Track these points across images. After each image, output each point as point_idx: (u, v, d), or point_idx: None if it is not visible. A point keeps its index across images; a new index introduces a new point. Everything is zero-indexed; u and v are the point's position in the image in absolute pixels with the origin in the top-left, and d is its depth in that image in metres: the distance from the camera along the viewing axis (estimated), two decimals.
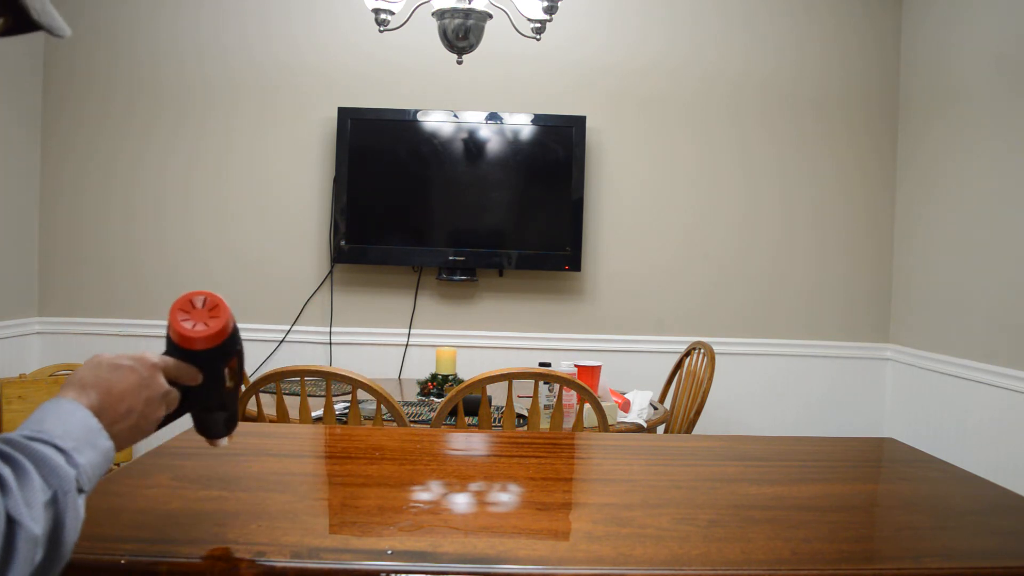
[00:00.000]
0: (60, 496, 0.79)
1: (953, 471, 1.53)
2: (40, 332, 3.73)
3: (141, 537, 1.07)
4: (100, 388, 0.92)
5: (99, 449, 0.88)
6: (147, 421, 0.95)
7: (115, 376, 0.93)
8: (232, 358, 1.05)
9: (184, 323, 1.00)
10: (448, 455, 1.65)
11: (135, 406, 0.93)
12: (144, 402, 0.94)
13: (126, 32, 3.75)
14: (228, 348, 1.03)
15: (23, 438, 0.83)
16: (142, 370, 0.96)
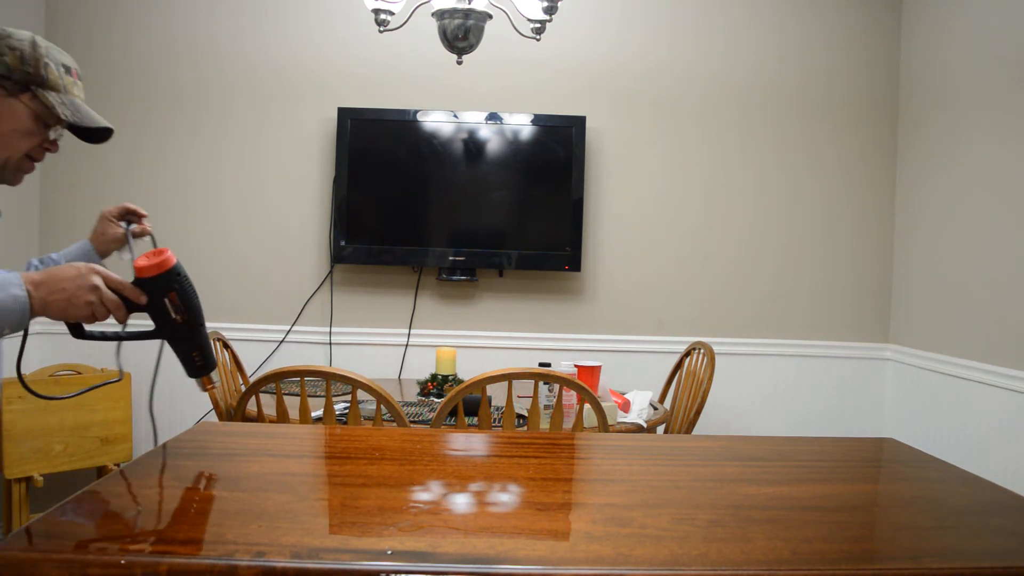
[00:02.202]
0: None
1: (953, 471, 1.53)
2: (40, 332, 3.72)
3: (141, 537, 1.07)
4: (47, 273, 1.35)
5: (7, 292, 1.30)
6: (77, 299, 1.34)
7: (62, 269, 1.35)
8: (172, 291, 1.41)
9: (137, 260, 1.42)
10: (448, 455, 1.65)
11: (68, 287, 1.33)
12: (76, 287, 1.34)
13: (125, 34, 3.75)
14: (165, 281, 1.40)
15: None
16: (82, 268, 1.36)
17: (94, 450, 3.47)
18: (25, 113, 1.46)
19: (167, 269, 1.40)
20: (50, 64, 1.48)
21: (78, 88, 1.52)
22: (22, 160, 1.51)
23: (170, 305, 1.42)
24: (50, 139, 1.51)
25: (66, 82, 1.49)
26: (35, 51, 1.48)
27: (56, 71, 1.48)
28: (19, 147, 1.48)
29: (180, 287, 1.42)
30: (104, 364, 3.66)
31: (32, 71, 1.46)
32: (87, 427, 3.46)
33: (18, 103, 1.46)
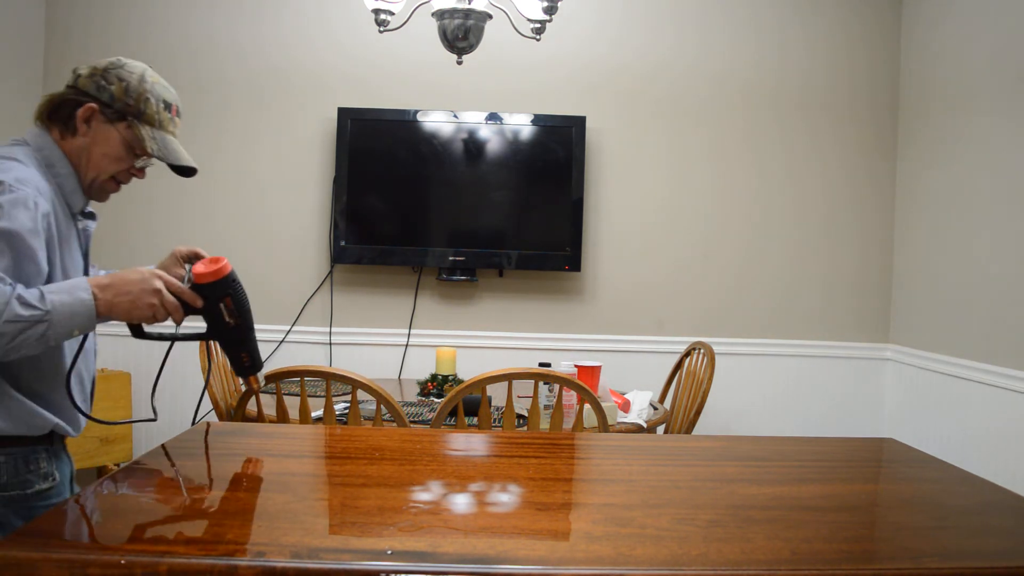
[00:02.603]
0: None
1: (953, 471, 1.53)
2: None
3: (141, 537, 1.07)
4: (113, 276, 1.47)
5: (74, 296, 1.39)
6: (140, 301, 1.44)
7: (127, 273, 1.48)
8: (227, 296, 1.52)
9: (196, 267, 1.52)
10: (448, 455, 1.65)
11: (132, 290, 1.45)
12: (140, 290, 1.45)
13: (126, 33, 3.75)
14: (221, 287, 1.51)
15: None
16: (145, 272, 1.48)
17: (94, 450, 3.47)
18: (118, 140, 1.59)
19: (223, 276, 1.52)
20: (151, 99, 1.61)
21: (174, 125, 1.65)
22: (107, 181, 1.63)
23: (225, 310, 1.54)
24: (136, 167, 1.63)
25: (163, 118, 1.62)
26: (140, 85, 1.61)
27: (155, 106, 1.61)
28: (107, 169, 1.61)
29: (235, 293, 1.54)
30: (103, 365, 3.65)
31: (133, 103, 1.59)
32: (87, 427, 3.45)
33: (114, 130, 1.58)
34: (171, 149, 1.63)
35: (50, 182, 1.54)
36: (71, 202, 1.59)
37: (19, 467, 1.53)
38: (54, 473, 1.62)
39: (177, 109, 1.68)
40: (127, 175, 1.65)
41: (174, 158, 1.63)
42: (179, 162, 1.63)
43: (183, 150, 1.65)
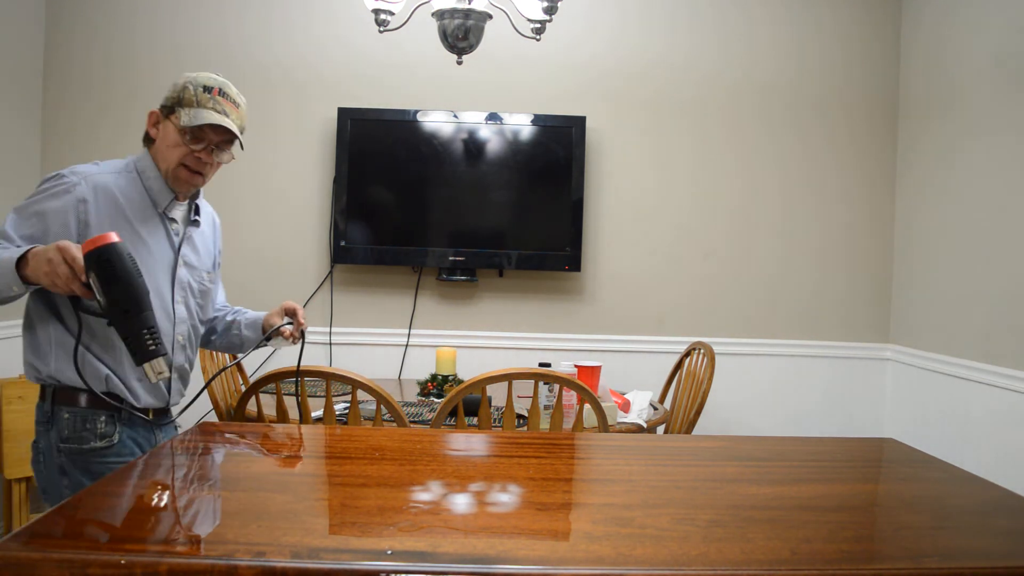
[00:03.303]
0: None
1: (953, 471, 1.53)
2: None
3: (141, 537, 1.07)
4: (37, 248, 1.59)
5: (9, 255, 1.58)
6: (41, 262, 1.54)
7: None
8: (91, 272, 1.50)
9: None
10: (448, 455, 1.65)
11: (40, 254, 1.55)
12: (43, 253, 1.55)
13: (126, 33, 3.75)
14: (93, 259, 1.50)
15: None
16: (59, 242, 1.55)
17: None
18: (172, 130, 1.85)
19: (95, 247, 1.50)
20: (189, 87, 1.87)
21: (214, 102, 1.86)
22: (177, 169, 1.85)
23: (94, 287, 1.51)
24: (194, 151, 1.84)
25: (201, 99, 1.85)
26: (183, 81, 1.89)
27: (193, 91, 1.86)
28: (171, 158, 1.84)
29: (99, 269, 1.50)
30: None
31: (175, 96, 1.87)
32: None
33: (168, 123, 1.86)
34: (201, 117, 1.82)
35: (134, 183, 1.84)
36: (157, 200, 1.86)
37: (78, 425, 1.77)
38: (113, 435, 1.80)
39: (219, 91, 1.88)
40: (193, 159, 1.85)
41: (198, 121, 1.82)
42: (199, 122, 1.81)
43: (216, 115, 1.83)
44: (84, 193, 1.75)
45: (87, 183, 1.77)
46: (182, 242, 1.92)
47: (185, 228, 1.94)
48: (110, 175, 1.83)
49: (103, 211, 1.76)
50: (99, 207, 1.76)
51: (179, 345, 1.91)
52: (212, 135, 1.86)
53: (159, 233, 1.86)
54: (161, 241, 1.86)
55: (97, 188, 1.78)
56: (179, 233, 1.92)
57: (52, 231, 1.71)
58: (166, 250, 1.87)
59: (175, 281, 1.89)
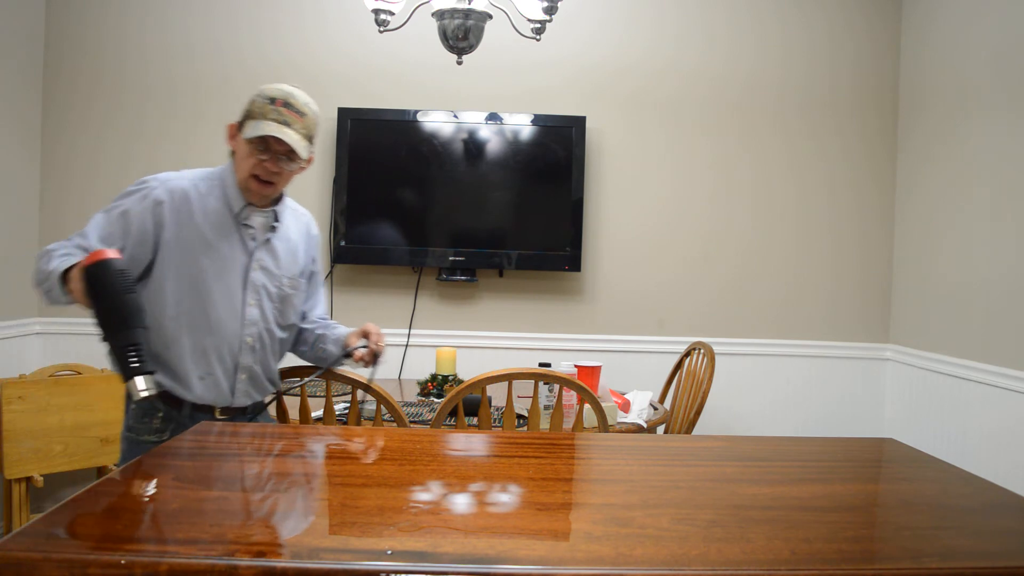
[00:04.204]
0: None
1: (953, 471, 1.53)
2: (40, 332, 3.73)
3: (141, 537, 1.07)
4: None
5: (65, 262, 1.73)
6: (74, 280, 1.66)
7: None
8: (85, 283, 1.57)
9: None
10: (448, 455, 1.65)
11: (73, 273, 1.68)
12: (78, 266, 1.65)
13: (126, 33, 3.75)
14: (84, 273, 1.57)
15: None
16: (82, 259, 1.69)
17: (94, 450, 3.47)
18: (243, 142, 1.94)
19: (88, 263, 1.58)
20: (255, 99, 1.94)
21: (276, 113, 1.92)
22: (249, 180, 1.95)
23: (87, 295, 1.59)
24: (260, 160, 1.93)
25: (264, 110, 1.92)
26: (255, 94, 1.95)
27: (258, 103, 1.93)
28: (243, 169, 1.95)
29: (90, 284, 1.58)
30: (104, 365, 3.65)
31: (247, 109, 1.95)
32: (87, 427, 3.45)
33: (240, 135, 1.96)
34: (259, 129, 1.90)
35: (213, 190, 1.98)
36: (232, 206, 1.98)
37: (138, 417, 1.98)
38: (165, 432, 1.96)
39: (283, 101, 1.93)
40: (262, 169, 1.94)
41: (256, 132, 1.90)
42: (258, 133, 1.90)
43: (274, 126, 1.90)
44: (160, 196, 1.91)
45: (164, 187, 1.93)
46: (258, 247, 2.01)
47: (263, 234, 2.02)
48: (188, 181, 1.98)
49: (177, 212, 1.91)
50: (173, 210, 1.91)
51: (247, 347, 2.00)
52: (276, 145, 1.92)
53: (233, 237, 1.97)
54: (234, 245, 1.97)
55: (172, 192, 1.93)
56: (255, 238, 2.01)
57: (132, 232, 1.87)
58: (239, 254, 1.98)
59: (247, 284, 1.99)
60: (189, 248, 1.91)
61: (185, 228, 1.91)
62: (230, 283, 1.95)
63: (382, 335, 2.07)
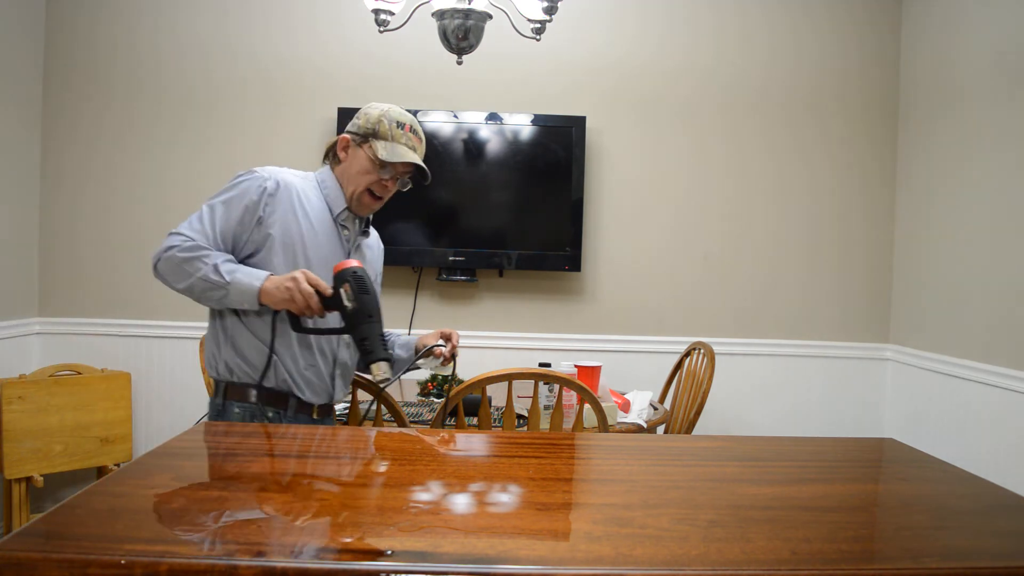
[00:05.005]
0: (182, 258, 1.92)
1: (953, 471, 1.53)
2: (40, 332, 3.73)
3: (141, 537, 1.07)
4: (272, 277, 1.90)
5: (250, 281, 1.88)
6: (281, 286, 1.86)
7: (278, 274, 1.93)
8: (345, 283, 1.86)
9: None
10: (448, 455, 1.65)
11: (279, 280, 1.87)
12: (283, 279, 1.87)
13: (126, 32, 3.75)
14: (342, 276, 1.87)
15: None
16: (295, 271, 1.88)
17: (94, 450, 3.47)
18: (364, 157, 2.04)
19: (345, 267, 1.88)
20: (384, 121, 2.04)
21: (407, 138, 2.05)
22: (363, 194, 2.06)
23: (344, 294, 1.86)
24: (382, 179, 2.04)
25: (395, 133, 2.04)
26: (377, 115, 2.05)
27: (388, 126, 2.04)
28: (360, 183, 2.05)
29: (353, 280, 1.86)
30: (104, 365, 3.66)
31: (371, 128, 2.04)
32: (87, 427, 3.46)
33: (361, 151, 2.05)
34: (398, 152, 2.02)
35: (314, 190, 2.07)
36: (332, 207, 2.07)
37: (246, 419, 1.98)
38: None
39: (411, 127, 2.06)
40: (379, 186, 2.05)
41: (397, 158, 2.01)
42: (400, 159, 2.02)
43: (411, 153, 2.03)
44: (270, 185, 1.97)
45: (273, 177, 1.99)
46: (352, 249, 2.11)
47: (355, 238, 2.12)
48: (294, 176, 2.06)
49: (285, 203, 1.98)
50: (281, 199, 1.97)
51: (344, 343, 2.08)
52: (400, 167, 2.05)
53: (333, 236, 2.06)
54: (335, 243, 2.06)
55: (281, 183, 1.99)
56: (350, 240, 2.11)
57: (244, 219, 1.94)
58: (339, 253, 2.06)
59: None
60: (296, 237, 1.98)
61: (292, 217, 1.98)
62: (329, 279, 1.97)
63: (459, 337, 2.20)
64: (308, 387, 2.01)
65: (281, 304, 1.87)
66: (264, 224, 1.95)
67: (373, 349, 1.87)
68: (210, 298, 1.92)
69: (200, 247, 1.91)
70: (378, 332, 1.88)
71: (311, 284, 1.85)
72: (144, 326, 3.72)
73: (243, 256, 1.97)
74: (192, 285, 1.90)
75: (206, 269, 1.88)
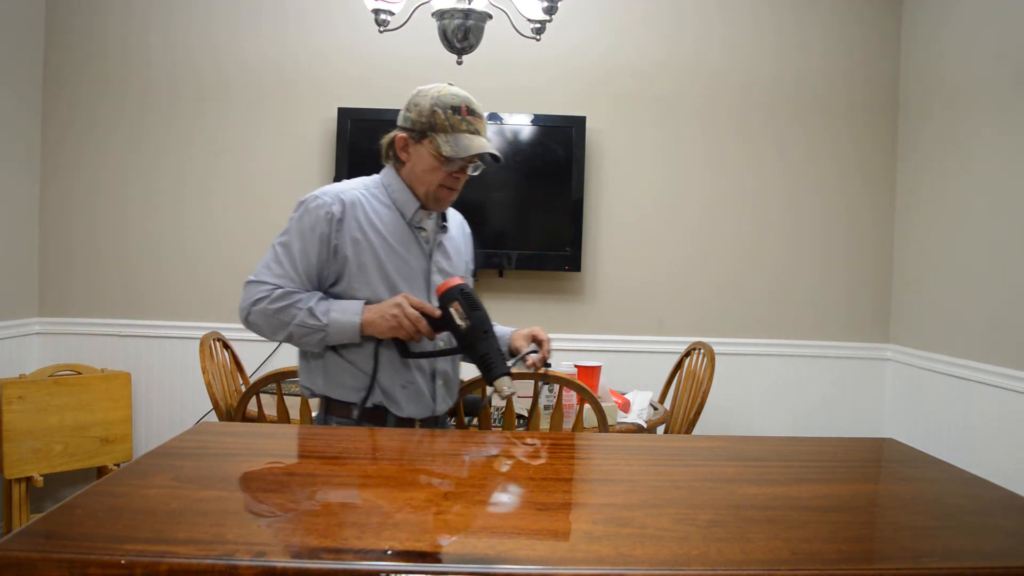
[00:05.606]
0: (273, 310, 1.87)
1: (953, 471, 1.53)
2: (40, 332, 3.73)
3: (141, 537, 1.07)
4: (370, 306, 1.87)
5: (347, 317, 1.85)
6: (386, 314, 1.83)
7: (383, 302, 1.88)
8: (455, 301, 1.82)
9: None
10: (448, 455, 1.65)
11: (383, 308, 1.84)
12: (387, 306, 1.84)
13: (130, 32, 3.75)
14: (450, 294, 1.83)
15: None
16: (397, 297, 1.85)
17: (94, 450, 3.47)
18: (427, 155, 1.91)
19: (451, 286, 1.83)
20: (438, 111, 1.88)
21: (467, 124, 1.89)
22: (438, 190, 1.94)
23: (455, 313, 1.81)
24: (452, 172, 1.92)
25: (452, 121, 1.88)
26: (429, 104, 1.89)
27: (443, 115, 1.88)
28: (431, 181, 1.93)
29: (462, 298, 1.82)
30: (104, 365, 3.66)
31: (425, 121, 1.89)
32: (87, 427, 3.46)
33: (421, 147, 1.91)
34: (463, 145, 1.88)
35: (380, 197, 1.96)
36: (404, 211, 1.96)
37: None
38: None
39: (467, 108, 1.90)
40: (451, 179, 1.93)
41: (464, 152, 1.88)
42: (469, 152, 1.88)
43: (478, 140, 1.89)
44: (336, 211, 1.88)
45: (337, 199, 1.90)
46: (433, 250, 2.00)
47: (435, 236, 2.01)
48: (357, 190, 1.96)
49: (353, 224, 1.89)
50: (348, 220, 1.89)
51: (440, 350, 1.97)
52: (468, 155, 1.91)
53: (410, 242, 1.96)
54: (413, 250, 1.96)
55: (345, 204, 1.90)
56: (429, 241, 2.00)
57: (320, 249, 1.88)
58: (419, 258, 1.97)
59: (430, 287, 1.97)
60: (374, 255, 1.90)
61: (366, 236, 1.90)
62: (416, 289, 1.94)
63: (550, 341, 2.03)
64: (407, 404, 1.94)
65: (388, 333, 1.83)
66: (339, 252, 1.88)
67: (494, 365, 1.82)
68: (310, 342, 1.87)
69: (289, 293, 1.85)
70: (496, 347, 1.83)
71: (416, 307, 1.81)
72: (144, 326, 3.72)
73: (327, 286, 1.91)
74: (291, 334, 1.85)
75: (301, 315, 1.83)
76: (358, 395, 1.90)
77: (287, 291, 1.85)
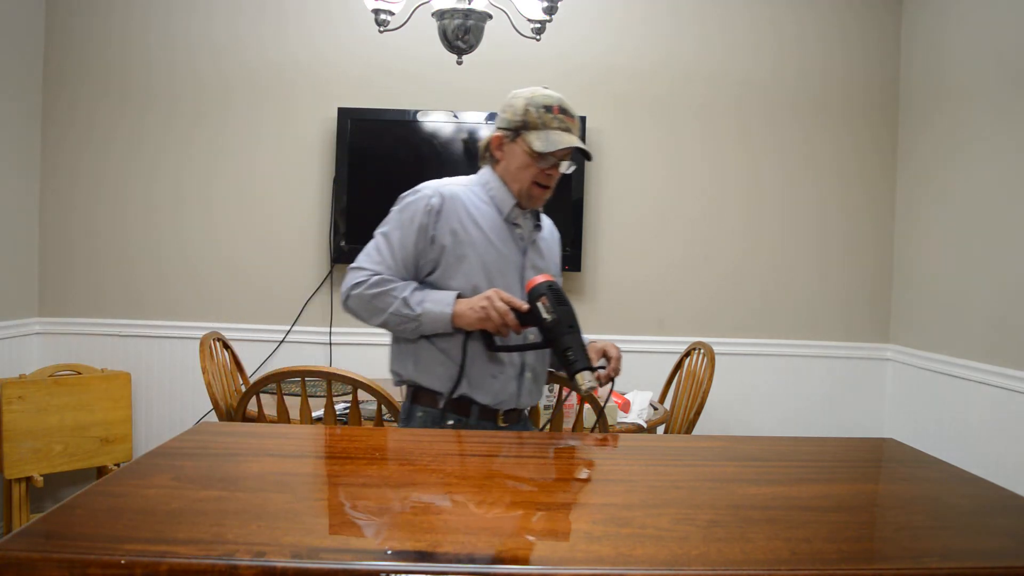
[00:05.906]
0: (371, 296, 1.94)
1: (953, 471, 1.53)
2: (40, 332, 3.73)
3: (141, 537, 1.07)
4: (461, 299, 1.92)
5: (440, 308, 1.90)
6: (475, 306, 1.88)
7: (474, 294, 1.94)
8: (542, 296, 1.87)
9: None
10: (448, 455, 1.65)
11: (473, 301, 1.90)
12: (477, 299, 1.90)
13: (131, 33, 3.75)
14: (538, 290, 1.88)
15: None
16: (488, 291, 1.90)
17: (94, 450, 3.47)
18: (520, 153, 1.98)
19: (539, 282, 1.90)
20: (530, 110, 1.96)
21: (558, 121, 1.96)
22: (531, 187, 2.00)
23: (542, 308, 1.86)
24: (544, 169, 1.97)
25: (544, 119, 1.95)
26: (522, 104, 1.97)
27: (535, 113, 1.96)
28: (524, 178, 1.99)
29: (550, 293, 1.87)
30: (104, 365, 3.66)
31: (519, 120, 1.97)
32: (87, 427, 3.46)
33: (516, 146, 1.98)
34: (553, 140, 1.94)
35: (479, 194, 2.01)
36: (501, 209, 2.01)
37: (428, 424, 1.97)
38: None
39: (559, 107, 1.97)
40: (544, 177, 1.99)
41: (554, 146, 1.94)
42: (558, 147, 1.94)
43: (568, 136, 1.95)
44: (435, 203, 1.94)
45: (438, 193, 1.96)
46: (528, 247, 2.05)
47: (530, 234, 2.07)
48: (457, 186, 2.01)
49: (453, 216, 1.95)
50: (448, 213, 1.94)
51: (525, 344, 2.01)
52: (560, 152, 1.97)
53: (506, 237, 2.01)
54: (509, 245, 2.01)
55: (445, 196, 1.96)
56: (524, 238, 2.05)
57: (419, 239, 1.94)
58: (515, 253, 2.02)
59: (523, 283, 2.00)
60: (471, 247, 1.95)
61: (465, 228, 1.95)
62: (510, 283, 1.98)
63: (621, 358, 2.01)
64: (491, 394, 1.97)
65: (476, 325, 1.88)
66: (437, 242, 1.94)
67: (576, 359, 1.85)
68: (404, 331, 1.94)
69: (386, 280, 1.92)
70: (580, 342, 1.87)
71: (505, 301, 1.86)
72: (144, 326, 3.72)
73: (423, 275, 1.97)
74: (386, 321, 1.92)
75: (396, 304, 1.90)
76: (446, 385, 1.95)
77: (384, 278, 1.92)
